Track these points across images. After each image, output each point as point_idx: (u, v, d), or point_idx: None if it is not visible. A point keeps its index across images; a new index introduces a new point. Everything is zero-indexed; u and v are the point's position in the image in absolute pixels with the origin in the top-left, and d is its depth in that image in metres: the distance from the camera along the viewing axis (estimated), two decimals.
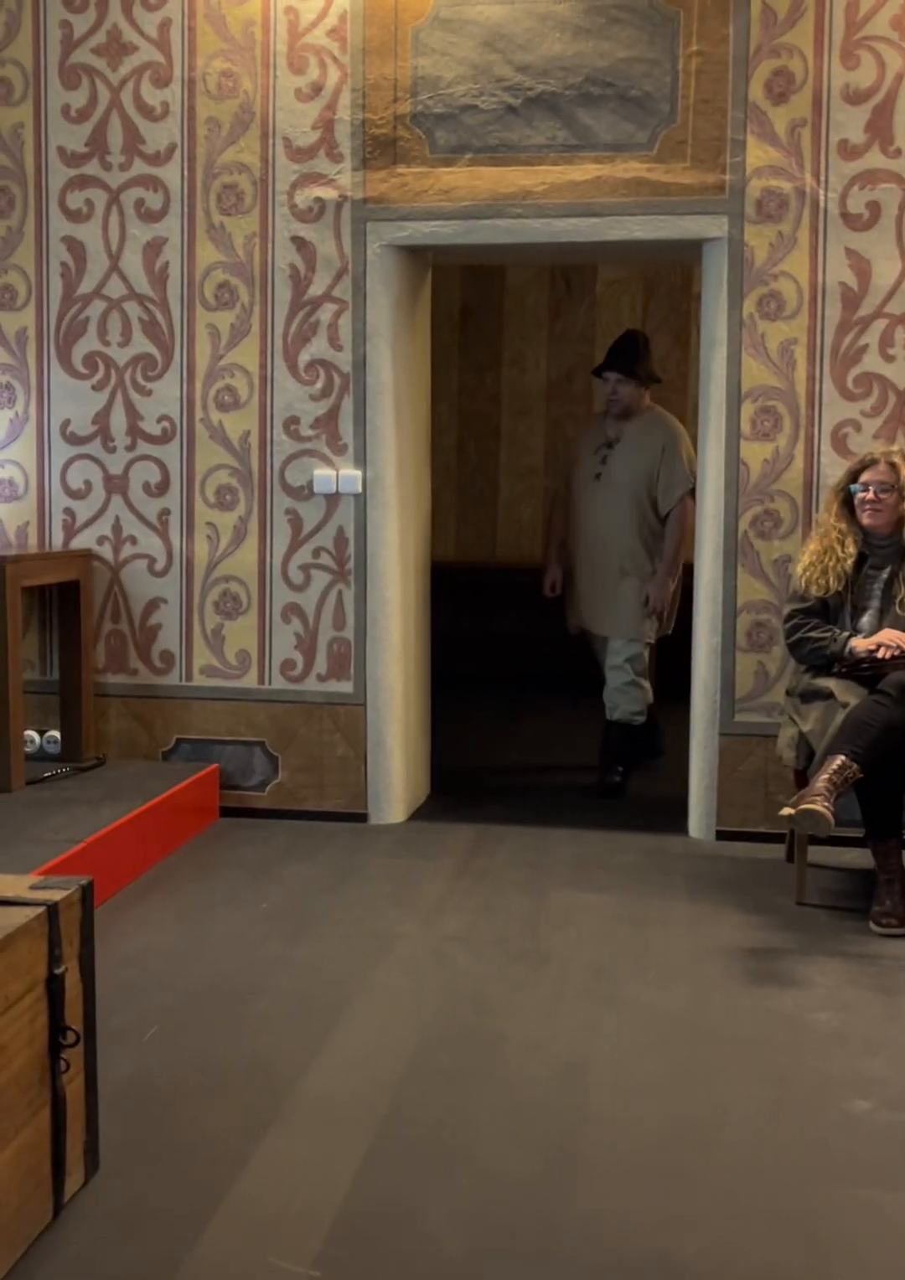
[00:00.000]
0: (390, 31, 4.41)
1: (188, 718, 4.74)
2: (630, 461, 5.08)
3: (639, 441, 5.09)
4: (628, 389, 5.09)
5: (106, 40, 4.59)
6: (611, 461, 5.09)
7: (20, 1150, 2.03)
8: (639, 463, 5.07)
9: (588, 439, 5.29)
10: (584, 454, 5.23)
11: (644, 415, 5.14)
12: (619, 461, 5.09)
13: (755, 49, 4.26)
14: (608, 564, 5.12)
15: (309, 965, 3.28)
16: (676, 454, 5.08)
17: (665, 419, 5.20)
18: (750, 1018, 2.98)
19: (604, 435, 5.17)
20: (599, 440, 5.17)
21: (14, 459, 4.78)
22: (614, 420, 5.15)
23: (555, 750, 6.02)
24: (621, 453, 5.09)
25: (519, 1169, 2.31)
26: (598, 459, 5.13)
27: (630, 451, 5.09)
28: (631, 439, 5.10)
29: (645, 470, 5.06)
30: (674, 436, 5.13)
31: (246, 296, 4.59)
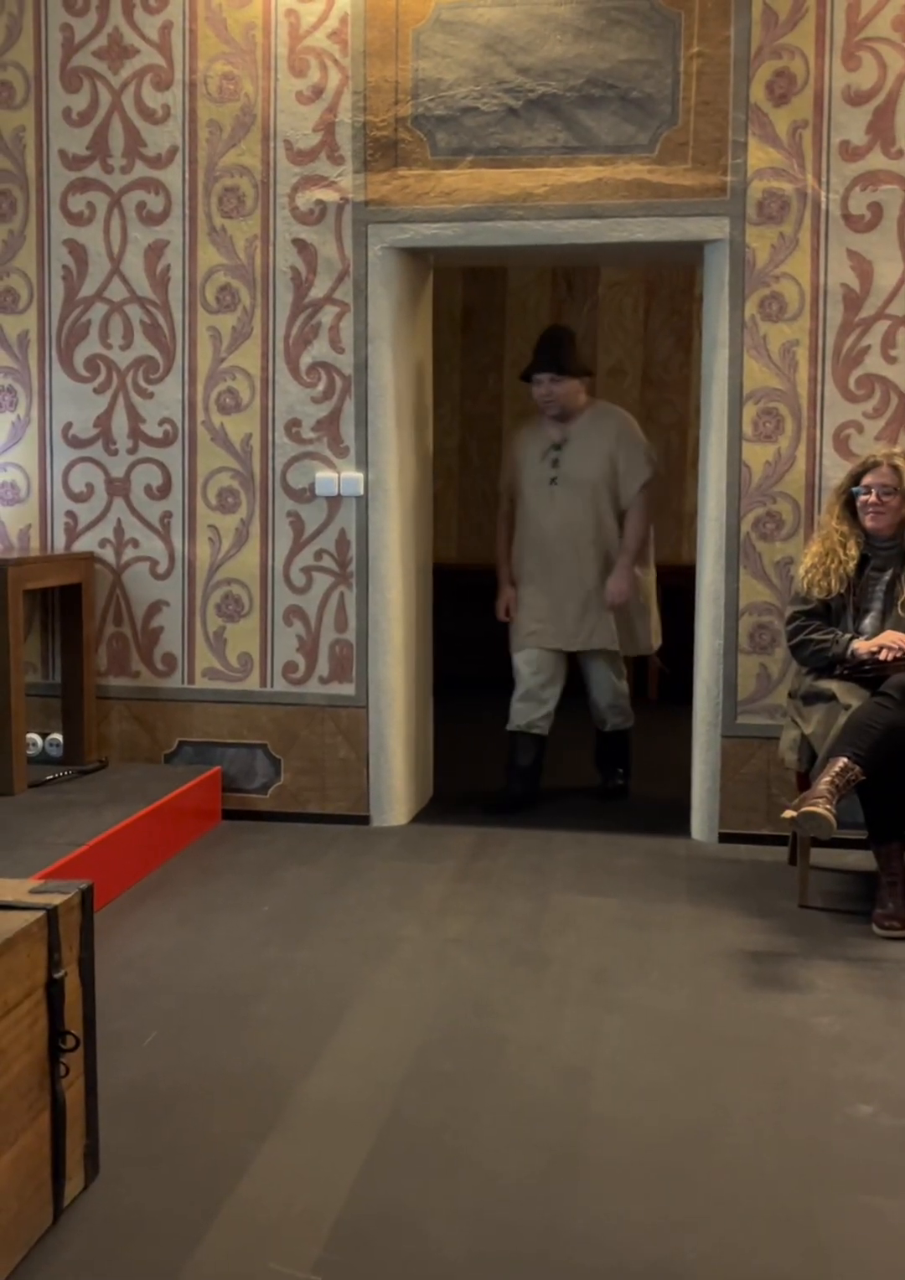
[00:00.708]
0: (391, 34, 4.41)
1: (190, 720, 4.74)
2: (586, 458, 4.80)
3: (590, 437, 4.82)
4: (562, 388, 4.78)
5: (108, 43, 4.59)
6: (565, 463, 4.80)
7: (20, 1155, 2.03)
8: (596, 458, 4.80)
9: (531, 445, 4.92)
10: (529, 461, 4.88)
11: (589, 410, 4.89)
12: (573, 461, 4.80)
13: (756, 50, 4.26)
14: (574, 574, 4.82)
15: (310, 968, 3.28)
16: (633, 441, 4.87)
17: (614, 409, 4.99)
18: (752, 1021, 2.98)
19: (549, 438, 4.86)
20: (544, 444, 4.86)
21: (16, 462, 4.78)
22: (556, 422, 4.85)
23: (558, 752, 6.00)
24: (574, 451, 4.81)
25: (520, 1172, 2.31)
26: (548, 463, 4.83)
27: (584, 448, 4.81)
28: (582, 436, 4.82)
29: (603, 464, 4.81)
30: (627, 424, 4.91)
31: (248, 299, 4.59)
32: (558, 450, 4.80)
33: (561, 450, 4.80)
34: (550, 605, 4.86)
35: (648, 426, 7.72)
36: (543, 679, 4.92)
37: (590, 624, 4.87)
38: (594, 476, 4.79)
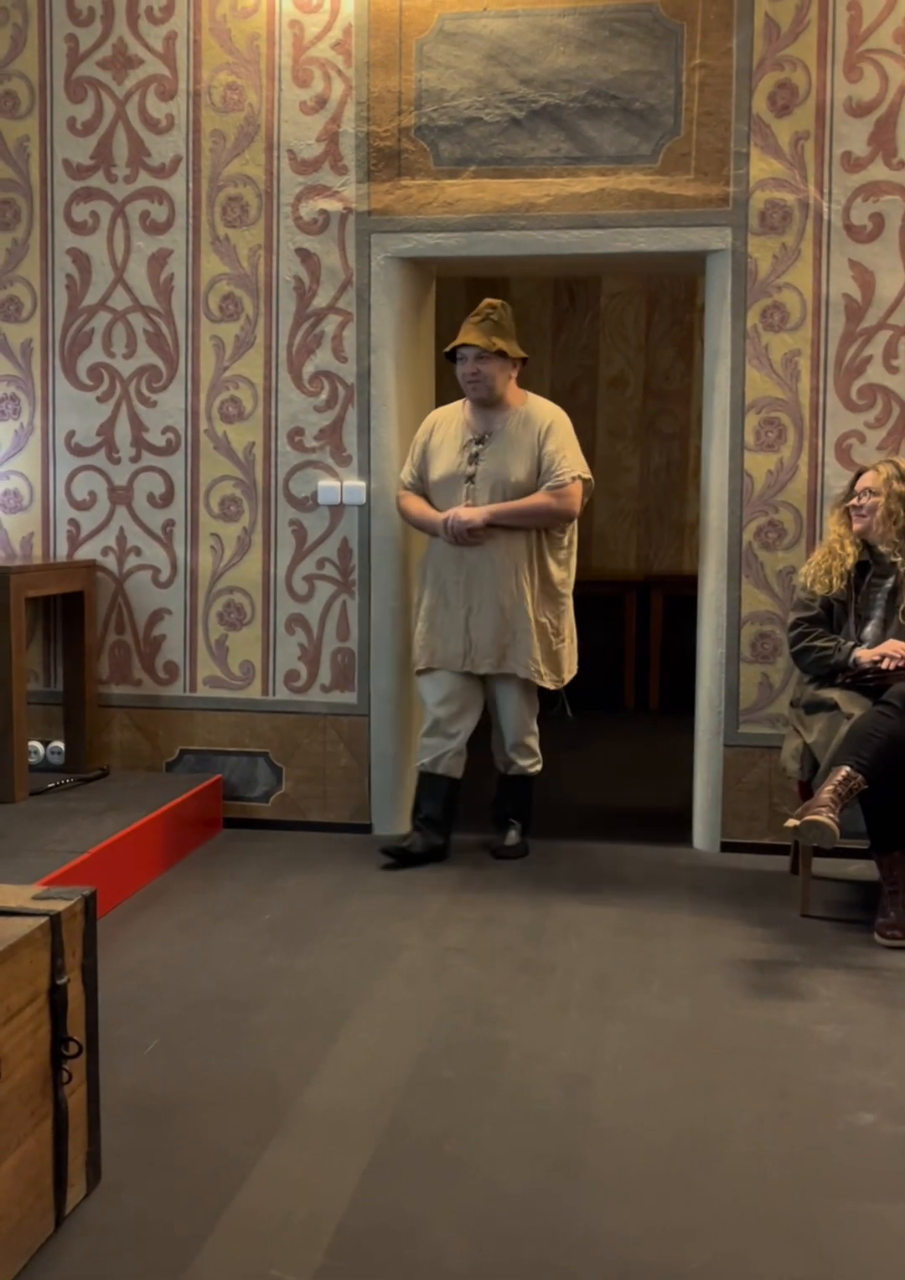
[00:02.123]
0: (395, 45, 4.43)
1: (191, 729, 4.74)
2: (511, 456, 4.19)
3: (518, 434, 4.21)
4: (490, 367, 4.16)
5: (112, 54, 4.61)
6: (486, 459, 4.19)
7: (22, 1161, 2.03)
8: (523, 456, 4.19)
9: (447, 434, 4.29)
10: (442, 454, 4.27)
11: (522, 404, 4.27)
12: (496, 458, 4.19)
13: (759, 62, 4.27)
14: (489, 588, 4.19)
15: (311, 976, 3.27)
16: (562, 435, 4.24)
17: (550, 406, 4.32)
18: (754, 1029, 2.97)
19: (470, 430, 4.25)
20: (464, 435, 4.24)
21: (19, 470, 4.79)
22: (481, 411, 4.23)
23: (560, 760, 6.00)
24: (498, 447, 4.20)
25: (522, 1180, 2.30)
26: (465, 458, 4.21)
27: (509, 445, 4.20)
28: (509, 432, 4.21)
29: (530, 464, 4.20)
30: (559, 418, 4.28)
31: (251, 308, 4.60)
32: (480, 444, 4.21)
33: (484, 445, 4.21)
34: (459, 621, 4.23)
35: (649, 437, 7.79)
36: (452, 709, 4.28)
37: (505, 645, 4.22)
38: (520, 477, 4.18)
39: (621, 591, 7.55)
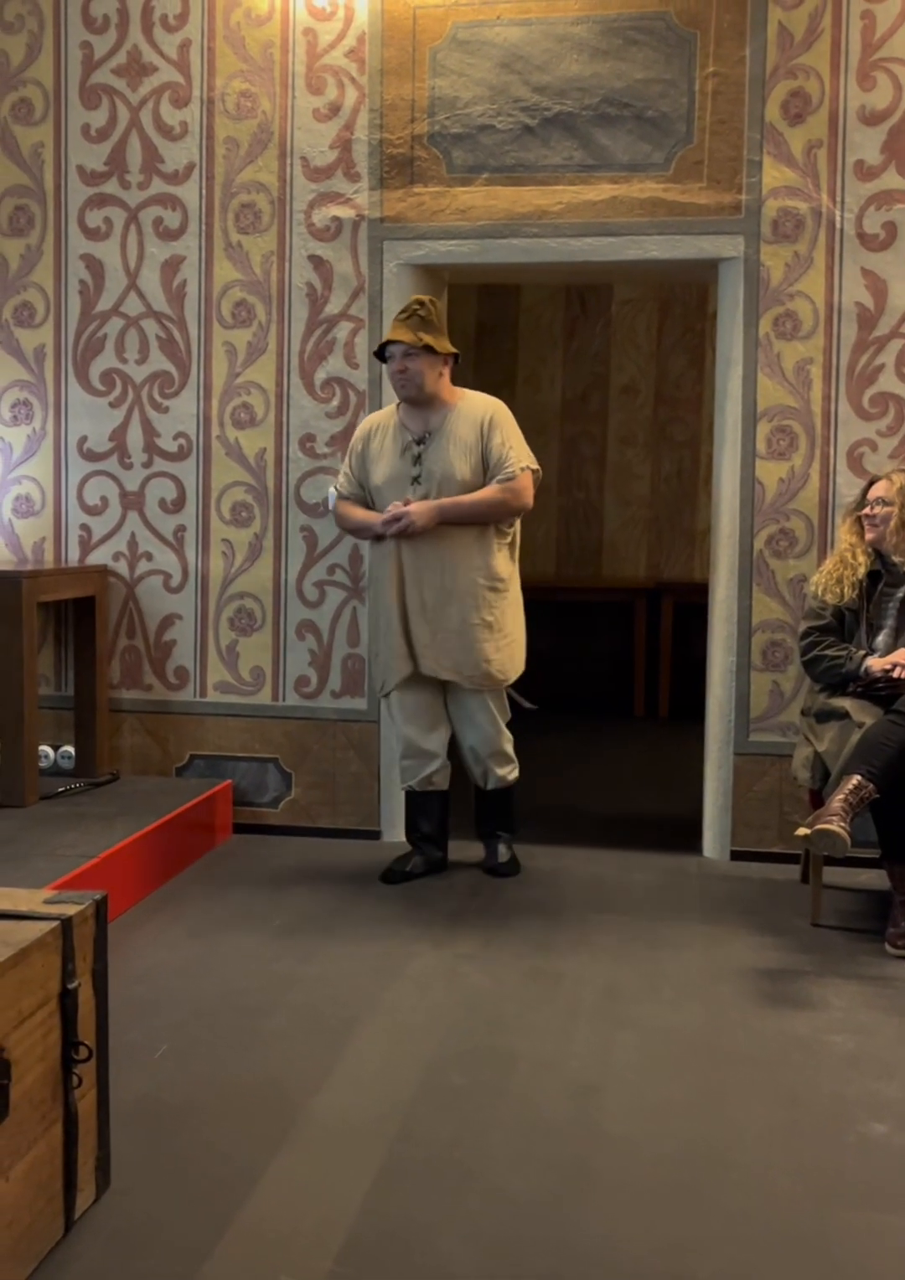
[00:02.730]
0: (408, 53, 4.44)
1: (202, 734, 4.75)
2: (454, 453, 4.03)
3: (458, 430, 4.05)
4: (418, 363, 3.98)
5: (126, 61, 4.62)
6: (429, 459, 4.02)
7: (32, 1165, 2.03)
8: (465, 451, 4.03)
9: (386, 439, 4.13)
10: (382, 458, 4.11)
11: (460, 401, 4.10)
12: (440, 455, 4.02)
13: (772, 70, 4.27)
14: (443, 594, 4.03)
15: (321, 983, 3.27)
16: (506, 427, 4.07)
17: (488, 399, 4.16)
18: (765, 1039, 2.96)
19: (407, 431, 4.09)
20: (403, 439, 4.09)
21: (31, 475, 4.80)
22: (416, 411, 4.08)
23: (571, 769, 6.00)
24: (439, 446, 4.03)
25: (531, 1190, 2.30)
26: (408, 460, 4.05)
27: (451, 442, 4.03)
28: (448, 430, 4.04)
29: (475, 459, 4.03)
30: (500, 410, 4.11)
31: (263, 314, 4.61)
32: (420, 445, 4.05)
33: (424, 445, 4.04)
34: (413, 631, 4.06)
35: (660, 444, 7.79)
36: (422, 726, 4.17)
37: (466, 650, 4.05)
38: (465, 475, 4.01)
39: (631, 599, 7.56)
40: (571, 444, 7.87)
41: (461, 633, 4.03)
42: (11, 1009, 1.96)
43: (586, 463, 7.88)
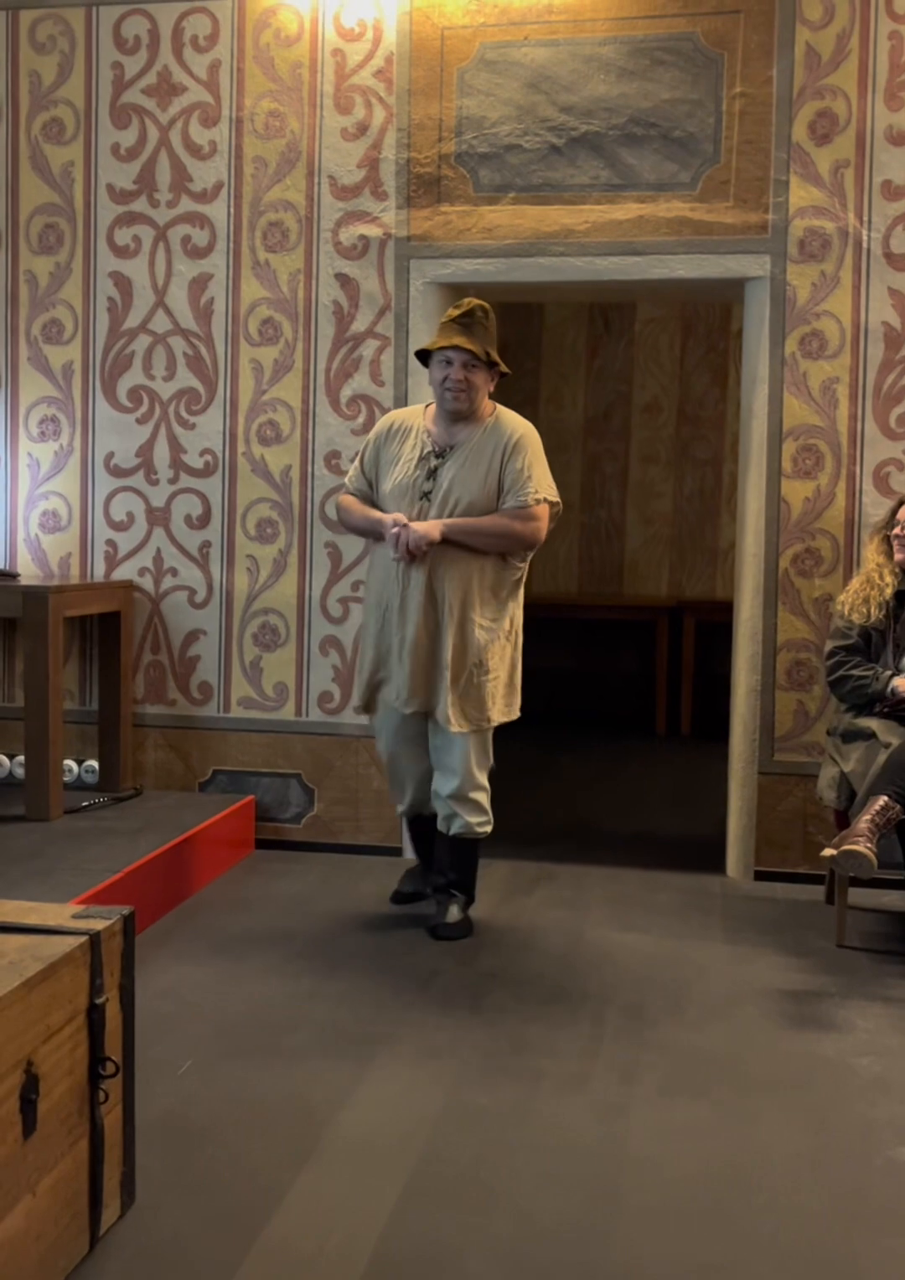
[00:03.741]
0: (436, 73, 4.46)
1: (225, 749, 4.76)
2: (472, 473, 3.70)
3: (483, 450, 3.73)
4: (479, 376, 3.70)
5: (156, 81, 4.66)
6: (445, 474, 3.70)
7: (59, 1180, 2.03)
8: (483, 470, 3.71)
9: (404, 443, 3.80)
10: (398, 463, 3.78)
11: (490, 418, 3.78)
12: (457, 474, 3.70)
13: (799, 90, 4.28)
14: (442, 617, 3.69)
15: (345, 1000, 3.27)
16: (530, 451, 3.75)
17: (517, 418, 3.84)
18: (790, 1061, 2.95)
19: (431, 440, 3.76)
20: (422, 447, 3.76)
21: (58, 490, 4.83)
22: (447, 421, 3.75)
23: (593, 787, 5.99)
24: (459, 463, 3.71)
25: (557, 1211, 2.28)
26: (422, 471, 3.73)
27: (471, 462, 3.71)
28: (473, 447, 3.73)
29: (492, 482, 3.71)
30: (529, 432, 3.80)
31: (290, 332, 4.64)
32: (439, 458, 3.73)
33: (444, 459, 3.72)
34: (405, 653, 3.71)
35: (683, 462, 7.79)
36: (411, 751, 3.87)
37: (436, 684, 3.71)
38: (479, 498, 3.70)
39: (653, 617, 7.54)
40: (594, 462, 7.88)
41: (443, 668, 3.67)
42: (40, 1023, 1.96)
43: (609, 481, 7.89)
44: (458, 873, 3.87)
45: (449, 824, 3.82)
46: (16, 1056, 1.89)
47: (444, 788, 3.79)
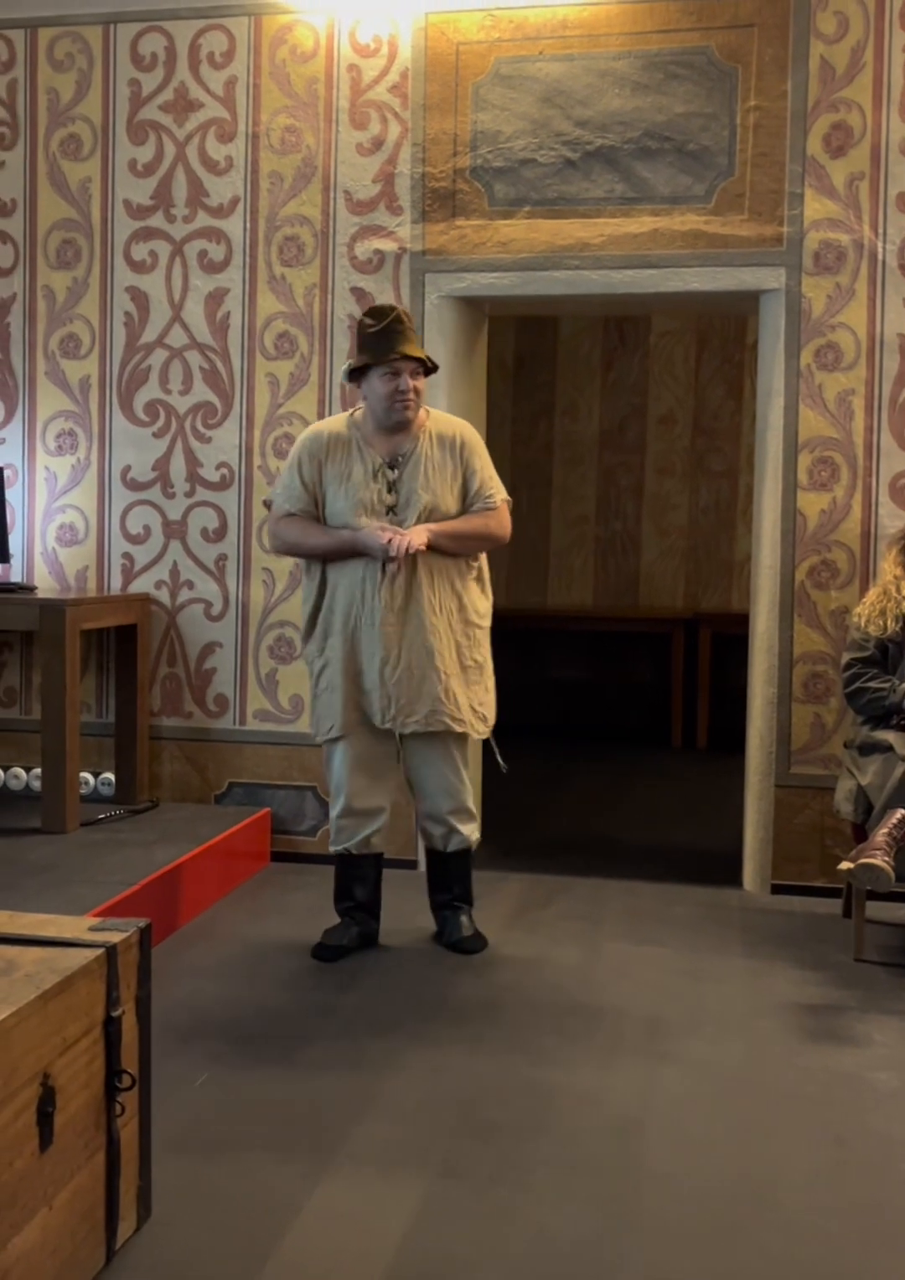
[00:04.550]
0: (451, 88, 4.48)
1: (240, 762, 4.77)
2: (436, 479, 3.61)
3: (434, 455, 3.62)
4: (422, 383, 3.61)
5: (173, 98, 4.69)
6: (405, 485, 3.58)
7: (75, 1193, 2.03)
8: (446, 476, 3.62)
9: (343, 458, 3.62)
10: (348, 480, 3.60)
11: (428, 422, 3.67)
12: (419, 483, 3.58)
13: (814, 103, 4.28)
14: (412, 633, 3.57)
15: (360, 1013, 3.26)
16: (482, 451, 3.72)
17: (452, 418, 3.81)
18: (808, 1075, 2.93)
19: (376, 453, 3.61)
20: (371, 461, 3.60)
21: (75, 504, 4.85)
22: (386, 433, 3.61)
23: (609, 800, 5.98)
24: (417, 472, 3.59)
25: (574, 1226, 2.28)
26: (381, 485, 3.58)
27: (429, 467, 3.61)
28: (424, 452, 3.62)
29: (457, 487, 3.64)
30: (471, 431, 3.75)
31: (306, 346, 4.65)
32: (393, 470, 3.59)
33: (398, 469, 3.59)
34: (374, 673, 3.58)
35: (698, 474, 7.78)
36: (364, 782, 3.69)
37: (434, 697, 3.58)
38: (450, 504, 3.63)
39: (669, 629, 7.53)
40: (609, 474, 7.88)
41: (441, 675, 3.58)
42: (57, 1036, 1.97)
43: (624, 493, 7.88)
44: (462, 885, 3.83)
45: (447, 841, 3.76)
46: (33, 1069, 1.89)
47: (442, 806, 3.71)
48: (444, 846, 3.76)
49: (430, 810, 3.74)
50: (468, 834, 3.77)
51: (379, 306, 3.65)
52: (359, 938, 3.75)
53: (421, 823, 3.81)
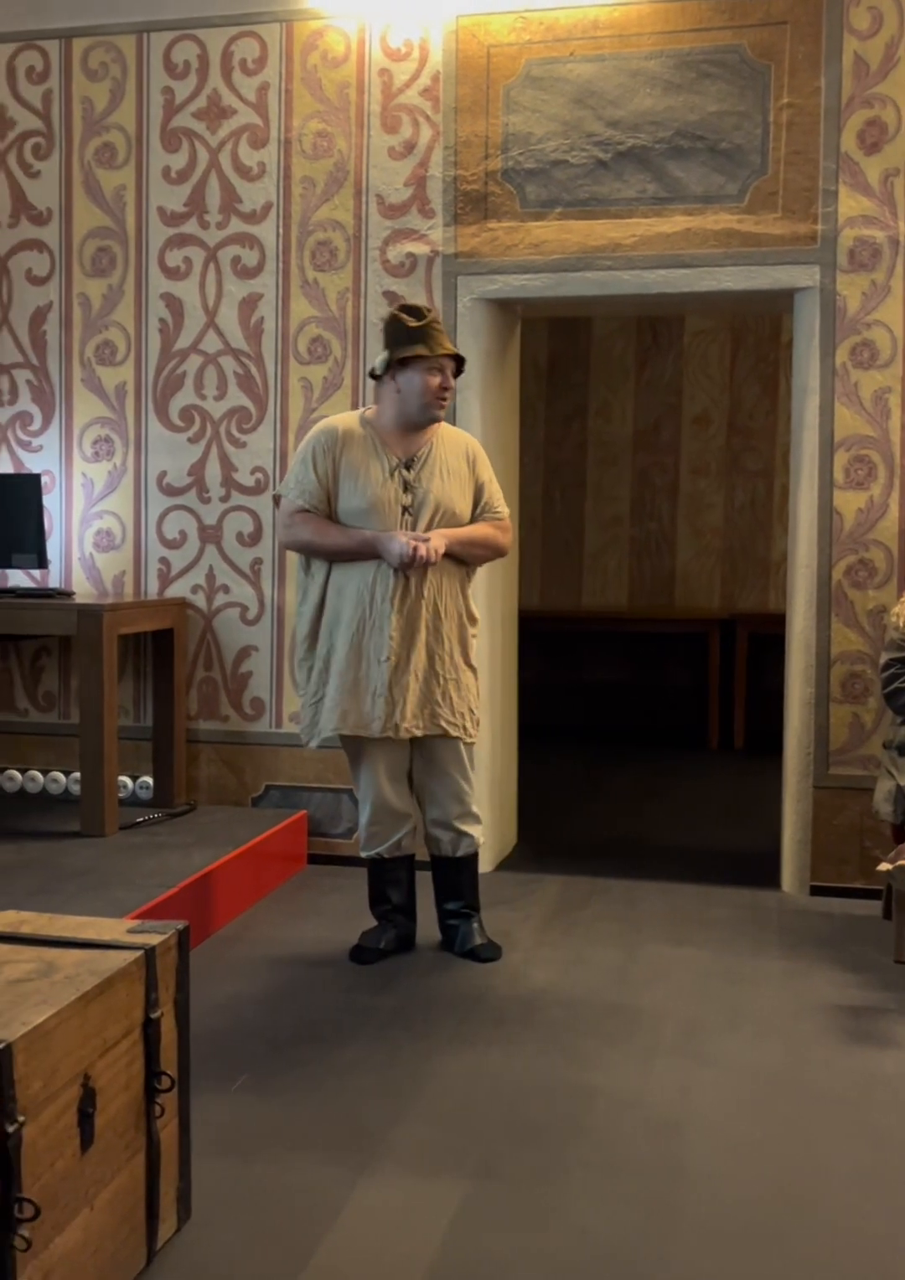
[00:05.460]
0: (482, 90, 4.49)
1: (277, 764, 4.79)
2: (451, 483, 3.60)
3: (448, 460, 3.62)
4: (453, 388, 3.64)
5: (206, 104, 4.72)
6: (420, 487, 3.55)
7: (116, 1195, 2.05)
8: (460, 482, 3.63)
9: (359, 456, 3.56)
10: (363, 476, 3.54)
11: (439, 426, 3.66)
12: (433, 485, 3.57)
13: (847, 100, 4.25)
14: (425, 632, 3.55)
15: (397, 1015, 3.27)
16: (489, 463, 3.76)
17: (458, 429, 3.84)
18: (848, 1078, 2.91)
19: (391, 452, 3.57)
20: (386, 459, 3.56)
21: (112, 510, 4.89)
22: (404, 430, 3.59)
23: (646, 801, 5.96)
24: (430, 474, 3.58)
25: (613, 1228, 2.27)
26: (397, 484, 3.54)
27: (443, 470, 3.60)
28: (438, 456, 3.61)
29: (470, 495, 3.65)
30: (478, 444, 3.78)
31: (339, 350, 4.67)
32: (409, 470, 3.57)
33: (413, 471, 3.56)
34: (383, 676, 3.52)
35: (733, 474, 7.75)
36: (399, 786, 3.69)
37: (436, 703, 3.56)
38: (463, 508, 3.63)
39: (705, 630, 7.49)
40: (644, 475, 7.85)
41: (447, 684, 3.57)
42: (97, 1037, 1.98)
43: (659, 493, 7.86)
44: (472, 891, 3.79)
45: (456, 846, 3.72)
46: (74, 1070, 1.91)
47: (451, 811, 3.67)
48: (453, 851, 3.72)
49: (438, 816, 3.70)
50: (476, 835, 3.73)
51: (413, 305, 3.64)
52: (396, 940, 3.75)
53: (429, 829, 3.74)
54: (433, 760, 3.66)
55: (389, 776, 3.66)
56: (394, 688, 3.52)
